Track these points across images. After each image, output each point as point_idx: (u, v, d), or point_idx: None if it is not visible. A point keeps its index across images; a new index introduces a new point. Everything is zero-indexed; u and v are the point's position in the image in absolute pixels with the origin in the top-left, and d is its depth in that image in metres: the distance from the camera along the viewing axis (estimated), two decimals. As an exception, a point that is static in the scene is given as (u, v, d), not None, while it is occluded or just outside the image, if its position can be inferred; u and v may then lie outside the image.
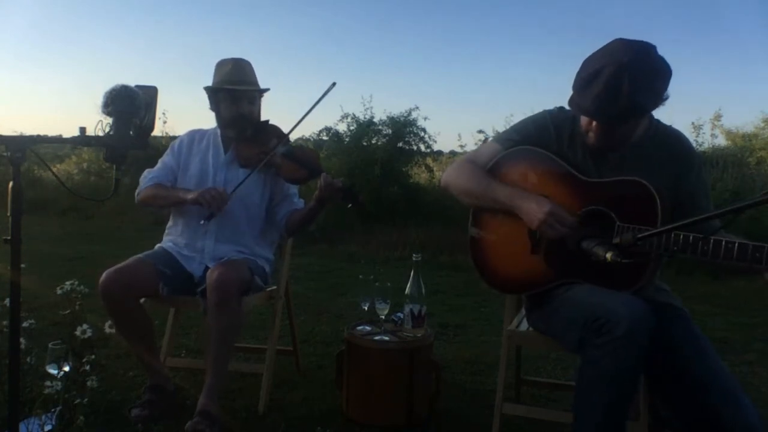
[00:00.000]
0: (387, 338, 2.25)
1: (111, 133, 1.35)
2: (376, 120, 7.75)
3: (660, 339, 1.55)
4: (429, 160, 8.28)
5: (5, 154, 1.31)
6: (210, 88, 2.39)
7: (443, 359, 2.84)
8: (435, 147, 8.09)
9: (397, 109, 7.83)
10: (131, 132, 1.37)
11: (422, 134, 7.69)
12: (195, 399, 2.11)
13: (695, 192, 1.74)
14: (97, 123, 1.35)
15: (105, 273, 2.11)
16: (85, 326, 1.75)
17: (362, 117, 7.75)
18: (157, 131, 8.09)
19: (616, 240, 1.49)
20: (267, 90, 2.44)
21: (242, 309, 2.15)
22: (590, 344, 1.54)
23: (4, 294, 1.37)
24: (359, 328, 2.35)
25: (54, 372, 1.68)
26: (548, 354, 2.99)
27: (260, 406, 2.29)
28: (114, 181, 1.44)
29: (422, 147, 7.78)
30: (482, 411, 2.32)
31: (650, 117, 1.76)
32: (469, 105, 22.85)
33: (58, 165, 9.93)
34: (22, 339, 1.52)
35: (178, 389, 2.37)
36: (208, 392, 2.06)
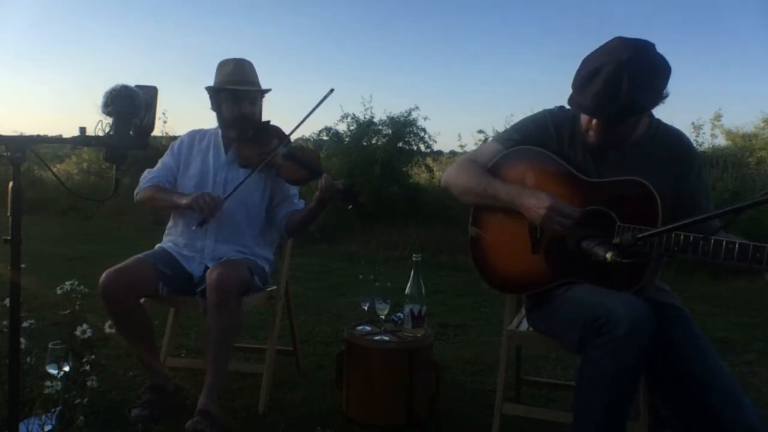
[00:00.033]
0: (387, 338, 2.25)
1: (111, 133, 1.35)
2: (376, 120, 7.76)
3: (660, 339, 1.54)
4: (429, 160, 8.28)
5: (5, 154, 1.31)
6: (212, 88, 2.39)
7: (443, 359, 2.83)
8: (435, 147, 8.11)
9: (397, 109, 7.85)
10: (131, 132, 1.37)
11: (422, 134, 7.70)
12: (195, 399, 2.11)
13: (695, 192, 1.74)
14: (97, 123, 1.35)
15: (105, 273, 2.11)
16: (85, 326, 1.75)
17: (362, 117, 7.76)
18: (157, 131, 8.11)
19: (616, 240, 1.49)
20: (268, 90, 2.44)
21: (242, 309, 2.15)
22: (590, 344, 1.54)
23: (4, 294, 1.37)
24: (359, 328, 2.35)
25: (54, 372, 1.68)
26: (548, 354, 2.99)
27: (260, 406, 2.29)
28: (114, 181, 1.44)
29: (422, 147, 7.78)
30: (482, 411, 2.32)
31: (650, 116, 1.76)
32: (469, 105, 22.88)
33: (58, 165, 9.94)
34: (22, 339, 1.52)
35: (178, 389, 2.37)
36: (208, 392, 2.06)
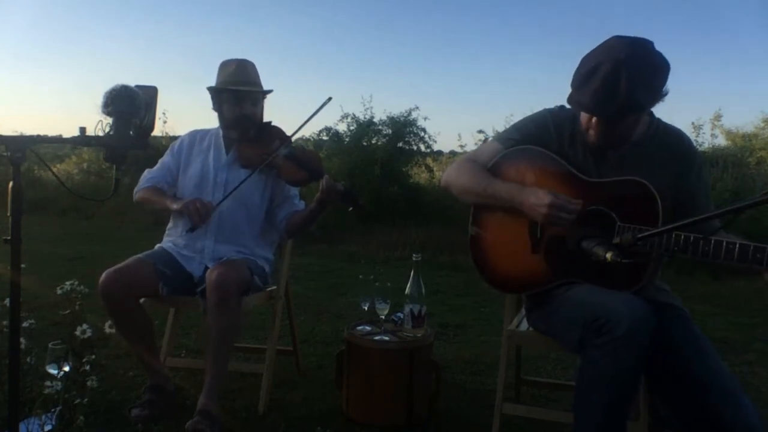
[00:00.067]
0: (387, 338, 2.25)
1: (111, 133, 1.35)
2: (376, 120, 7.77)
3: (660, 339, 1.54)
4: (429, 160, 8.28)
5: (5, 154, 1.31)
6: (213, 89, 2.39)
7: (443, 359, 2.83)
8: (435, 147, 8.12)
9: (397, 109, 7.86)
10: (131, 132, 1.37)
11: (422, 134, 7.71)
12: (195, 399, 2.11)
13: (695, 191, 1.74)
14: (97, 123, 1.35)
15: (105, 273, 2.11)
16: (85, 326, 1.75)
17: (362, 117, 7.77)
18: (157, 131, 8.13)
19: (616, 240, 1.49)
20: (270, 91, 2.44)
21: (242, 309, 2.15)
22: (590, 344, 1.54)
23: (4, 294, 1.37)
24: (359, 328, 2.35)
25: (54, 372, 1.68)
26: (548, 354, 2.99)
27: (260, 406, 2.29)
28: (114, 181, 1.44)
29: (422, 147, 7.79)
30: (482, 411, 2.32)
31: (651, 115, 1.76)
32: (469, 105, 22.90)
33: (58, 165, 9.94)
34: (22, 339, 1.52)
35: (178, 389, 2.37)
36: (208, 392, 2.06)
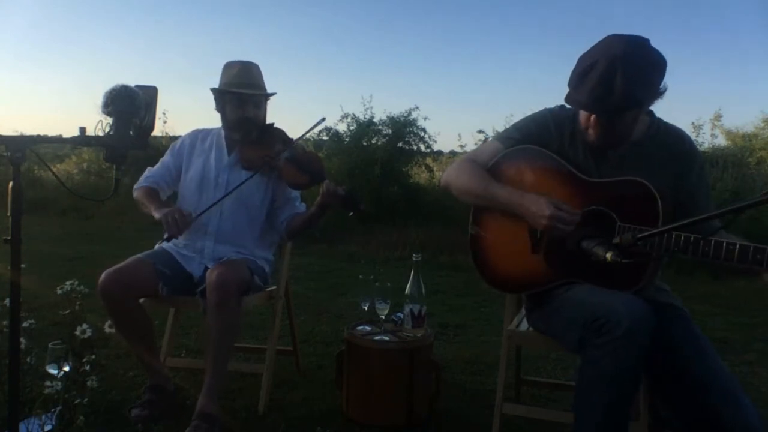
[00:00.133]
0: (387, 338, 2.25)
1: (111, 133, 1.35)
2: (376, 120, 7.77)
3: (660, 339, 1.54)
4: (429, 160, 8.29)
5: (5, 154, 1.31)
6: (217, 90, 2.39)
7: (443, 359, 2.84)
8: (435, 147, 8.12)
9: (397, 109, 7.86)
10: (131, 132, 1.37)
11: (422, 134, 7.71)
12: (195, 399, 2.11)
13: (695, 191, 1.73)
14: (97, 123, 1.35)
15: (104, 273, 2.11)
16: (85, 326, 1.76)
17: (362, 117, 7.77)
18: (157, 131, 8.13)
19: (616, 240, 1.49)
20: (273, 94, 2.44)
21: (242, 309, 2.15)
22: (590, 344, 1.54)
23: (4, 294, 1.37)
24: (359, 328, 2.35)
25: (54, 372, 1.68)
26: (548, 354, 2.99)
27: (260, 406, 2.29)
28: (114, 181, 1.44)
29: (422, 147, 7.79)
30: (482, 411, 2.32)
31: (651, 115, 1.76)
32: (469, 105, 22.91)
33: (58, 165, 9.94)
34: (22, 339, 1.52)
35: (178, 389, 2.37)
36: (208, 392, 2.06)
